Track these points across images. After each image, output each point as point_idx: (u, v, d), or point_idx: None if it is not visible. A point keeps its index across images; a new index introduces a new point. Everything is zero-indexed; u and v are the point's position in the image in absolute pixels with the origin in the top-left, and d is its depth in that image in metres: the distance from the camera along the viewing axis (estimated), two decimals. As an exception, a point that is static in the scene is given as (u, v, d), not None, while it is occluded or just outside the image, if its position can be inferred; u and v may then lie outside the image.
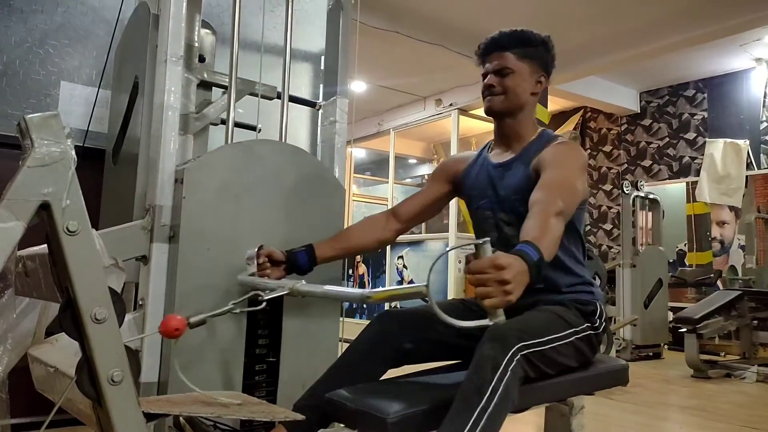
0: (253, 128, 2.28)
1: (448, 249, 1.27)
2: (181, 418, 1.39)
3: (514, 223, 1.50)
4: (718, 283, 5.84)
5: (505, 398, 1.13)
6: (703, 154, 6.47)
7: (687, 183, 6.68)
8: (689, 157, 6.74)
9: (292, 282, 1.28)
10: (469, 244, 1.01)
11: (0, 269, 0.85)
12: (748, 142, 6.19)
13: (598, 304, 1.49)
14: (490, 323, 0.99)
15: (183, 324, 1.10)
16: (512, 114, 1.57)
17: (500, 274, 0.97)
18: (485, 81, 1.57)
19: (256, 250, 1.53)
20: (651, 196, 5.50)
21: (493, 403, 1.10)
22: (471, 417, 1.10)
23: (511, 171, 1.55)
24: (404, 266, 7.32)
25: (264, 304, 1.28)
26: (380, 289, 1.07)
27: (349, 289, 1.14)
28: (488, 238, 1.02)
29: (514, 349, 1.18)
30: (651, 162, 7.08)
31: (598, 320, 1.46)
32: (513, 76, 1.53)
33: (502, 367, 1.14)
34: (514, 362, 1.16)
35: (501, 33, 1.57)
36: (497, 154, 1.63)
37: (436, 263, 1.09)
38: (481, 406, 1.10)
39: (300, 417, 1.19)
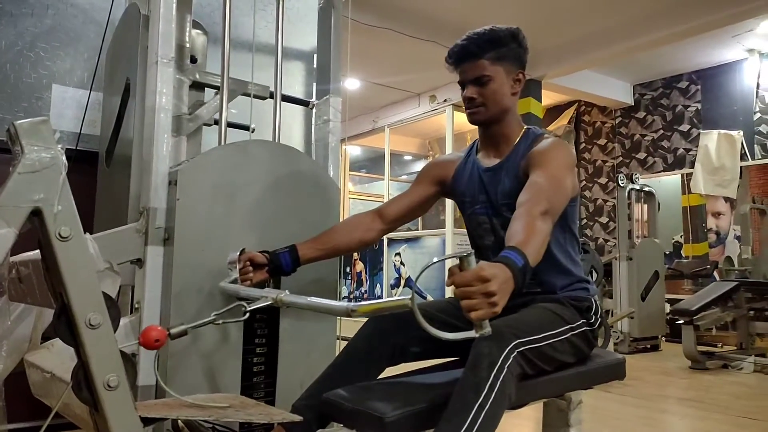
0: (246, 128, 2.28)
1: (433, 261, 1.27)
2: (179, 422, 1.38)
3: None
4: (715, 274, 5.86)
5: (502, 395, 1.13)
6: (697, 146, 6.49)
7: (682, 175, 6.70)
8: (684, 149, 6.76)
9: (276, 292, 1.25)
10: (452, 256, 0.98)
11: (-8, 276, 0.85)
12: (741, 133, 6.21)
13: (593, 300, 1.50)
14: (476, 335, 0.97)
15: (164, 335, 1.09)
16: (497, 120, 1.55)
17: (485, 287, 0.95)
18: (464, 93, 1.54)
19: (238, 254, 1.50)
20: (646, 189, 5.52)
21: (490, 401, 1.11)
22: (469, 415, 1.10)
23: (501, 175, 1.54)
24: (401, 263, 7.33)
25: (247, 315, 1.25)
26: (365, 302, 1.06)
27: (334, 302, 1.13)
28: (472, 250, 0.99)
29: (510, 346, 1.18)
30: (646, 154, 7.10)
31: (593, 316, 1.47)
32: (491, 84, 1.50)
33: (498, 364, 1.14)
34: (511, 359, 1.16)
35: (470, 39, 1.50)
36: (486, 156, 1.62)
37: (421, 274, 1.12)
38: (478, 403, 1.10)
39: (298, 418, 1.19)
